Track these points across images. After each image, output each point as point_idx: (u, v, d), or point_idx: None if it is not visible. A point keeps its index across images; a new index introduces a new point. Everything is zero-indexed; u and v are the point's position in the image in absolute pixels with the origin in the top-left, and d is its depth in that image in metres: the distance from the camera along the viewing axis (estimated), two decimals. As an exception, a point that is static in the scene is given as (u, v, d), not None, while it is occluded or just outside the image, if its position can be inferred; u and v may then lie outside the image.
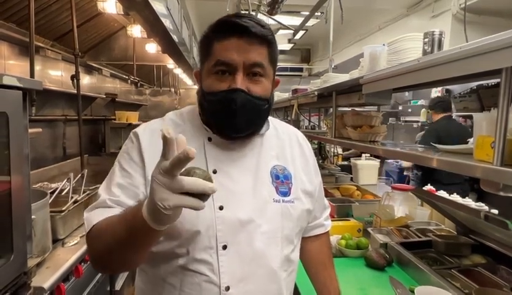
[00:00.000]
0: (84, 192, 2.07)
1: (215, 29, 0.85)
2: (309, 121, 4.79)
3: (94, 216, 0.80)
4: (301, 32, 5.61)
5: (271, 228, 0.87)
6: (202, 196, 0.60)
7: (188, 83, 6.92)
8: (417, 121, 6.47)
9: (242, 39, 0.82)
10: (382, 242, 1.77)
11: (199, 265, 0.82)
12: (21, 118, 1.18)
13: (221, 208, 0.83)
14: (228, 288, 0.82)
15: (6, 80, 1.07)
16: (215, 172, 0.86)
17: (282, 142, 1.00)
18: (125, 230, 0.70)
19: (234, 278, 0.83)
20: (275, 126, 1.03)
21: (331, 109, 2.34)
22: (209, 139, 0.90)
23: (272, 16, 3.22)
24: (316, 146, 4.38)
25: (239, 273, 0.83)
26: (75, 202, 1.90)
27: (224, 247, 0.83)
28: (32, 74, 2.10)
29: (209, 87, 0.85)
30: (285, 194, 0.91)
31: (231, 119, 0.83)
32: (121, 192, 0.83)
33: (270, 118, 1.01)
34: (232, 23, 0.83)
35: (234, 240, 0.83)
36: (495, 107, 0.82)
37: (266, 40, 0.85)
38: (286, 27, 4.31)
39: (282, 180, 0.92)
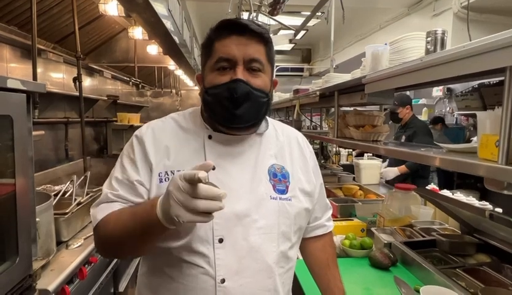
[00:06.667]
0: (87, 194, 2.07)
1: (216, 30, 0.90)
2: (311, 121, 4.79)
3: (99, 211, 0.88)
4: (301, 32, 5.61)
5: (267, 224, 0.89)
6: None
7: (189, 85, 6.93)
8: (419, 120, 6.45)
9: (241, 36, 0.87)
10: (386, 242, 1.77)
11: (196, 257, 0.85)
12: (25, 121, 1.18)
13: None
14: (223, 280, 0.84)
15: (10, 83, 1.07)
16: (213, 168, 0.87)
17: (281, 143, 1.02)
18: (139, 226, 0.78)
19: (229, 271, 0.85)
20: (275, 127, 1.05)
21: (332, 109, 2.34)
22: (209, 137, 0.93)
23: (273, 17, 3.22)
24: (318, 146, 4.39)
25: (235, 266, 0.85)
26: (78, 204, 1.90)
27: (221, 240, 0.85)
28: (34, 77, 2.11)
29: (211, 82, 0.89)
30: (282, 192, 0.93)
31: (233, 109, 0.86)
32: (119, 186, 0.89)
33: (270, 119, 1.04)
34: (232, 22, 0.89)
35: (230, 234, 0.86)
36: (497, 106, 0.81)
37: (263, 38, 0.89)
38: (287, 28, 4.31)
39: (279, 179, 0.95)
